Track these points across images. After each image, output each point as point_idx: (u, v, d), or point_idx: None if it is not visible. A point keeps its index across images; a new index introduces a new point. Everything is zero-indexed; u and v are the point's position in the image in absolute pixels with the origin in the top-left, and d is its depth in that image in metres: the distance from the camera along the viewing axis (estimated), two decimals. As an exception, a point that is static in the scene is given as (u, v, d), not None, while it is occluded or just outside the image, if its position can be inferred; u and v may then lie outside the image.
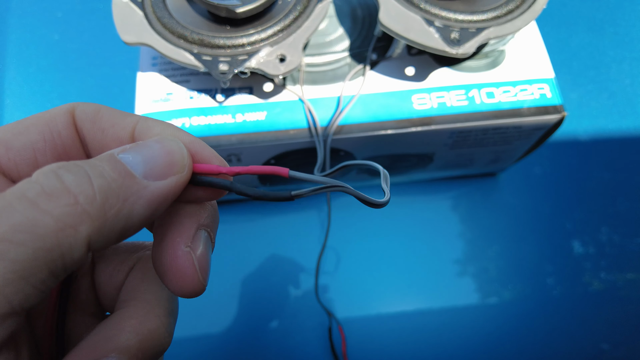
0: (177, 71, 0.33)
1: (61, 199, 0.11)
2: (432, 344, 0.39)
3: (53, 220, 0.11)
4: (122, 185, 0.12)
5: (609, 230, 0.42)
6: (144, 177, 0.13)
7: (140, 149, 0.13)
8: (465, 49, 0.28)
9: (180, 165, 0.14)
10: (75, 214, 0.11)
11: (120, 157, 0.13)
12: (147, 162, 0.13)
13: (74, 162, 0.12)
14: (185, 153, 0.14)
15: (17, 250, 0.10)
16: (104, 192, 0.12)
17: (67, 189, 0.11)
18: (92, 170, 0.12)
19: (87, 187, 0.11)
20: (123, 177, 0.12)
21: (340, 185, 0.14)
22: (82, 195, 0.11)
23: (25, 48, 0.49)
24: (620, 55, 0.49)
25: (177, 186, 0.14)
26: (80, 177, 0.11)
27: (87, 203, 0.11)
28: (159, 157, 0.13)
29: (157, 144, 0.14)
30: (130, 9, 0.30)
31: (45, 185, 0.11)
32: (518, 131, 0.34)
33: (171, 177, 0.13)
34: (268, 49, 0.28)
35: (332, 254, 0.42)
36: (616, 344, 0.39)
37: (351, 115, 0.32)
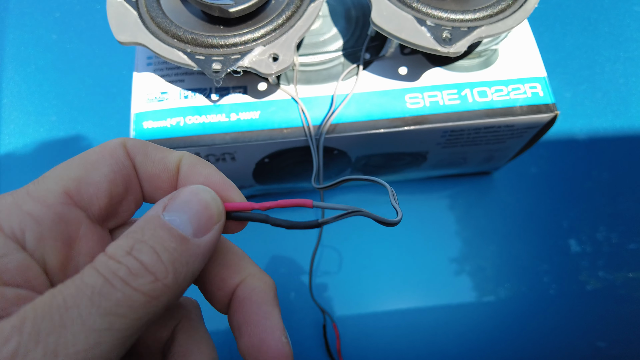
0: (172, 70, 0.33)
1: (145, 278, 0.13)
2: (427, 342, 0.39)
3: (143, 295, 0.13)
4: (183, 252, 0.14)
5: (606, 229, 0.43)
6: (194, 236, 0.15)
7: (181, 206, 0.15)
8: (456, 48, 0.29)
9: (217, 215, 0.16)
10: (158, 289, 0.13)
11: (168, 220, 0.14)
12: (193, 220, 0.15)
13: (137, 240, 0.14)
14: (219, 202, 0.16)
15: (120, 321, 0.12)
16: (172, 264, 0.14)
17: (147, 269, 0.13)
18: (157, 245, 0.14)
19: (160, 265, 0.13)
20: (180, 244, 0.14)
21: (358, 210, 0.16)
22: (158, 272, 0.13)
23: (23, 48, 0.50)
24: (614, 55, 0.49)
25: (219, 233, 0.16)
26: (151, 255, 0.13)
27: (163, 278, 0.13)
28: (200, 213, 0.15)
29: (194, 198, 0.15)
30: (125, 9, 0.30)
31: (130, 266, 0.13)
32: (511, 130, 0.34)
33: (214, 227, 0.15)
34: (261, 48, 0.29)
35: (327, 252, 0.42)
36: (612, 342, 0.39)
37: (344, 114, 0.32)
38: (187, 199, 0.15)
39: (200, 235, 0.15)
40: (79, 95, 0.48)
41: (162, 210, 0.15)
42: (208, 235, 0.15)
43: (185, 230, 0.14)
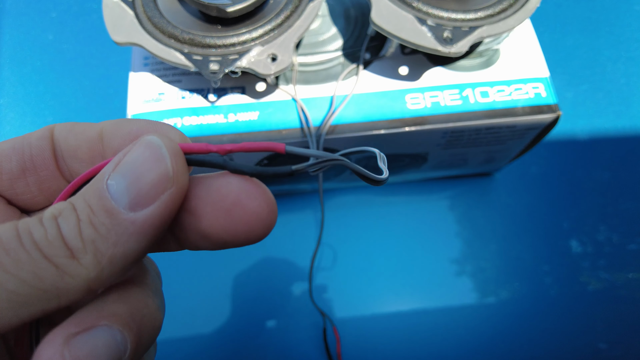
0: (169, 71, 0.33)
1: (60, 249, 0.11)
2: (428, 344, 0.39)
3: (53, 267, 0.11)
4: (110, 228, 0.12)
5: (607, 229, 0.42)
6: (130, 208, 0.12)
7: (126, 167, 0.12)
8: (457, 48, 0.28)
9: (166, 179, 0.12)
10: (72, 265, 0.11)
11: (109, 184, 0.12)
12: (131, 188, 0.12)
13: (70, 205, 0.12)
14: (168, 162, 0.12)
15: (17, 284, 0.11)
16: (92, 243, 0.12)
17: (64, 240, 0.11)
18: (83, 217, 0.12)
19: (78, 241, 0.11)
20: (109, 219, 0.12)
21: (338, 158, 0.13)
22: (76, 249, 0.11)
23: (19, 48, 0.49)
24: (615, 54, 0.49)
25: (170, 204, 0.12)
26: (72, 227, 0.11)
27: (81, 257, 0.11)
28: (141, 178, 0.12)
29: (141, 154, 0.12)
30: (121, 9, 0.29)
31: (49, 232, 0.11)
32: (512, 131, 0.34)
33: (160, 197, 0.12)
34: (259, 49, 0.28)
35: (327, 254, 0.41)
36: (613, 344, 0.38)
37: (344, 115, 0.32)
38: (133, 157, 0.12)
39: (139, 209, 0.12)
40: (76, 96, 0.47)
41: (112, 169, 0.12)
42: (149, 209, 0.12)
43: (119, 202, 0.12)
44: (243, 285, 0.40)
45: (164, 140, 0.13)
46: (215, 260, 0.41)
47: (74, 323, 0.12)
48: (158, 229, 0.12)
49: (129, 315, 0.13)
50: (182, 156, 0.13)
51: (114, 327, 0.13)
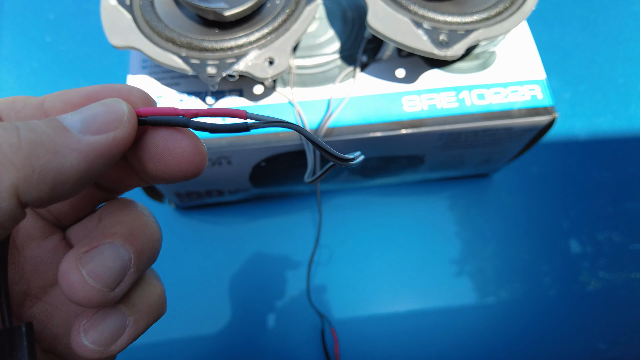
0: (167, 74, 0.33)
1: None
2: (426, 344, 0.39)
3: None
4: (54, 138, 0.12)
5: (607, 229, 0.42)
6: (80, 132, 0.13)
7: (82, 110, 0.14)
8: (453, 51, 0.28)
9: (119, 120, 0.14)
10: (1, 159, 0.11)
11: (60, 117, 0.13)
12: (85, 119, 0.13)
13: (11, 122, 0.12)
14: (124, 108, 0.14)
15: None
16: (31, 142, 0.12)
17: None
18: (23, 126, 0.12)
19: (13, 138, 0.11)
20: (55, 132, 0.12)
21: (292, 123, 0.15)
22: (6, 144, 0.11)
23: (17, 50, 0.49)
24: (613, 54, 0.49)
25: (117, 140, 0.13)
26: (8, 129, 0.12)
27: (11, 152, 0.11)
28: (98, 115, 0.13)
29: (101, 106, 0.14)
30: (119, 13, 0.30)
31: None
32: (509, 133, 0.34)
33: (110, 132, 0.13)
34: (256, 52, 0.28)
35: (325, 255, 0.42)
36: (613, 344, 0.39)
37: (341, 118, 0.32)
38: (92, 105, 0.14)
39: (88, 133, 0.13)
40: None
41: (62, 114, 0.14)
42: (99, 136, 0.13)
43: (72, 126, 0.13)
44: (241, 286, 0.41)
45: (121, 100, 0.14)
46: (214, 263, 0.41)
47: (82, 244, 0.15)
48: (101, 156, 0.13)
49: (128, 232, 0.15)
50: (132, 110, 0.14)
51: (116, 243, 0.15)
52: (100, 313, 0.15)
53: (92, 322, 0.15)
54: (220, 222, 0.43)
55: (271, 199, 0.43)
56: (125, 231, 0.15)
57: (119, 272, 0.15)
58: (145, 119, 0.15)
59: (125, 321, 0.16)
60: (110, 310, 0.15)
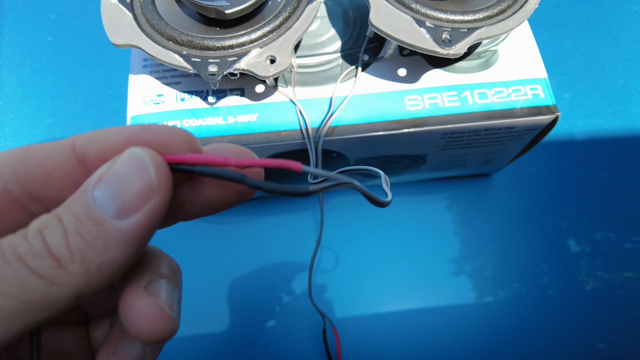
0: (168, 73, 0.33)
1: (46, 261, 0.12)
2: (427, 343, 0.39)
3: (40, 279, 0.11)
4: (97, 237, 0.12)
5: (605, 228, 0.42)
6: (116, 217, 0.12)
7: (111, 177, 0.13)
8: (456, 50, 0.28)
9: (150, 188, 0.13)
10: (60, 275, 0.12)
11: (94, 195, 0.12)
12: (117, 197, 0.12)
13: (56, 217, 0.12)
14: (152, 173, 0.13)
15: (4, 300, 0.11)
16: (80, 251, 0.12)
17: (50, 252, 0.12)
18: (70, 227, 0.12)
19: (65, 251, 0.12)
20: (96, 227, 0.12)
21: (350, 182, 0.14)
22: (63, 258, 0.12)
23: (18, 50, 0.49)
24: (613, 55, 0.49)
25: (153, 213, 0.13)
26: (58, 238, 0.12)
27: (68, 265, 0.12)
28: (124, 187, 0.13)
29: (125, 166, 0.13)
30: (119, 11, 0.29)
31: (33, 245, 0.12)
32: (511, 132, 0.34)
33: (145, 206, 0.13)
34: (257, 50, 0.28)
35: (327, 254, 0.41)
36: (611, 343, 0.39)
37: (343, 117, 0.32)
38: (118, 169, 0.13)
39: (125, 217, 0.12)
40: (75, 98, 0.47)
41: (96, 181, 0.13)
42: (134, 217, 0.12)
43: (105, 211, 0.12)
44: (242, 285, 0.40)
45: (148, 152, 0.13)
46: (215, 262, 0.41)
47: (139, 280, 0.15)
48: (143, 235, 0.13)
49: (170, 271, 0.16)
50: (165, 166, 0.13)
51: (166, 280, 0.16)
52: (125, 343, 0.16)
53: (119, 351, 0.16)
54: (221, 221, 0.42)
55: (273, 198, 0.43)
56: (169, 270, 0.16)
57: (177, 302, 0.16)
58: (192, 168, 0.14)
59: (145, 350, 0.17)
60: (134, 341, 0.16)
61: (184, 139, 0.14)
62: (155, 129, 0.14)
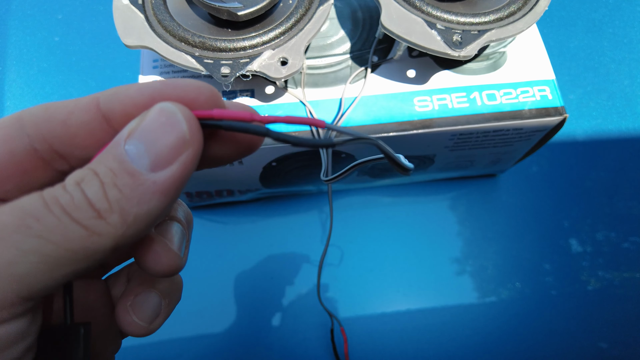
0: (178, 74, 0.33)
1: (87, 212, 0.12)
2: (432, 342, 0.39)
3: (82, 228, 0.12)
4: (133, 189, 0.12)
5: (607, 228, 0.43)
6: (151, 170, 0.13)
7: (142, 132, 0.13)
8: (467, 52, 0.28)
9: (183, 141, 0.13)
10: (100, 225, 0.12)
11: (127, 149, 0.13)
12: (150, 150, 0.13)
13: (91, 171, 0.13)
14: (184, 126, 0.13)
15: (50, 248, 0.11)
16: (118, 202, 0.12)
17: (91, 203, 0.12)
18: (107, 180, 0.12)
19: (104, 203, 0.12)
20: (131, 180, 0.12)
21: (372, 139, 0.15)
22: (102, 210, 0.12)
23: (26, 50, 0.49)
24: (619, 56, 0.49)
25: (188, 164, 0.13)
26: (97, 190, 0.12)
27: (108, 216, 0.12)
28: (158, 141, 0.13)
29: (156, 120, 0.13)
30: (131, 12, 0.30)
31: (74, 197, 0.12)
32: (519, 133, 0.34)
33: (178, 158, 0.13)
34: (270, 52, 0.29)
35: (334, 254, 0.42)
36: (614, 343, 0.39)
37: (352, 118, 0.32)
38: (149, 124, 0.13)
39: (159, 169, 0.13)
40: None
41: (127, 136, 0.13)
42: (169, 170, 0.13)
43: (140, 164, 0.13)
44: (250, 285, 0.41)
45: (178, 106, 0.13)
46: (224, 261, 0.41)
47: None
48: (178, 187, 0.13)
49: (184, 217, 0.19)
50: (195, 120, 0.13)
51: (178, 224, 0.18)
52: (141, 296, 0.18)
53: (136, 303, 0.18)
54: (229, 222, 0.43)
55: (280, 199, 0.43)
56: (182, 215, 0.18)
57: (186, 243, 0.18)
58: (219, 123, 0.14)
59: (161, 303, 0.18)
60: (150, 293, 0.18)
61: (207, 94, 0.14)
62: (178, 84, 0.14)
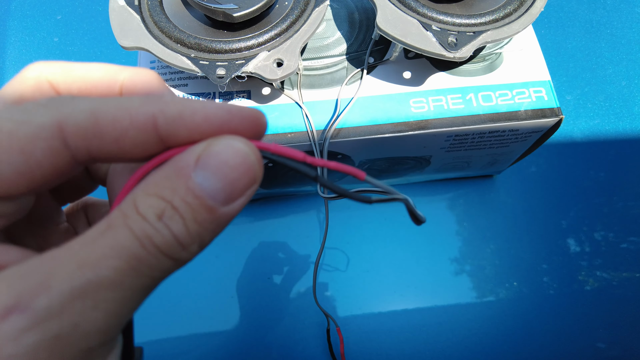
0: (175, 75, 0.33)
1: (177, 248, 0.13)
2: (429, 342, 0.39)
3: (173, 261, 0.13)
4: (211, 222, 0.14)
5: (604, 228, 0.43)
6: (224, 204, 0.14)
7: (216, 167, 0.13)
8: (462, 53, 0.28)
9: (254, 179, 0.14)
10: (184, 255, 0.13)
11: (199, 183, 0.13)
12: (227, 189, 0.13)
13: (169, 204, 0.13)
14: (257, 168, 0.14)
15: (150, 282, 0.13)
16: (199, 236, 0.13)
17: (178, 240, 0.13)
18: (187, 215, 0.13)
19: (188, 238, 0.13)
20: (209, 215, 0.13)
21: (405, 198, 0.16)
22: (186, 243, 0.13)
23: (25, 50, 0.49)
24: (616, 57, 0.49)
25: (251, 196, 0.14)
26: (181, 226, 0.13)
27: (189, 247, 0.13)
28: (236, 181, 0.14)
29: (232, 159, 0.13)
30: (128, 14, 0.30)
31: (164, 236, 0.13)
32: (515, 134, 0.34)
33: (247, 192, 0.14)
34: (265, 54, 0.29)
35: (330, 254, 0.42)
36: (612, 343, 0.39)
37: (349, 119, 0.32)
38: (221, 159, 0.13)
39: (231, 203, 0.14)
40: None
41: (195, 165, 0.13)
42: (239, 202, 0.14)
43: (216, 200, 0.13)
44: (247, 285, 0.41)
45: (250, 146, 0.14)
46: (220, 262, 0.41)
47: None
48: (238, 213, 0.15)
49: None
50: (260, 156, 0.14)
51: None
52: None
53: None
54: (226, 223, 0.43)
55: (278, 199, 0.44)
56: None
57: None
58: (274, 157, 0.15)
59: None
60: None
61: (263, 124, 0.15)
62: (242, 116, 0.15)
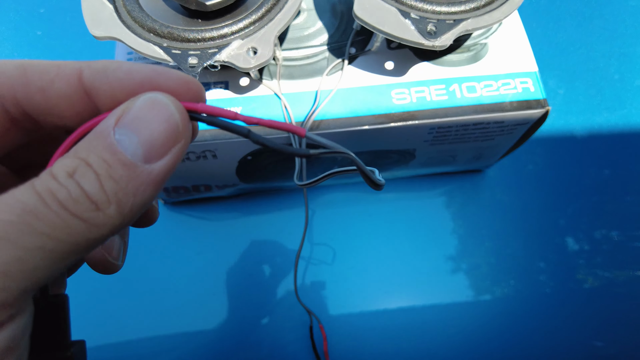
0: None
1: (86, 205, 0.12)
2: (417, 341, 0.38)
3: (82, 222, 0.12)
4: (130, 181, 0.13)
5: (604, 226, 0.42)
6: (145, 161, 0.13)
7: (134, 123, 0.13)
8: (442, 41, 0.28)
9: (176, 135, 0.13)
10: (99, 217, 0.12)
11: (117, 139, 0.13)
12: (144, 143, 0.13)
13: (82, 161, 0.12)
14: (178, 118, 0.13)
15: (54, 244, 0.12)
16: (115, 195, 0.12)
17: (88, 196, 0.12)
18: (101, 172, 0.12)
19: (102, 195, 0.12)
20: (127, 172, 0.13)
21: (347, 152, 0.15)
22: (100, 202, 0.12)
23: (7, 44, 0.49)
24: (609, 50, 0.48)
25: (179, 155, 0.14)
26: (94, 183, 0.12)
27: (106, 208, 0.12)
28: (154, 135, 0.13)
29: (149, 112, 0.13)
30: (100, 3, 0.29)
31: (72, 191, 0.12)
32: (500, 127, 0.33)
33: (172, 150, 0.13)
34: (239, 42, 0.28)
35: (316, 251, 0.41)
36: (609, 342, 0.38)
37: (329, 111, 0.31)
38: (141, 114, 0.13)
39: (153, 161, 0.13)
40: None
41: (114, 124, 0.13)
42: (163, 161, 0.13)
43: (134, 155, 0.13)
44: (230, 283, 0.40)
45: (170, 98, 0.14)
46: (202, 259, 0.41)
47: None
48: (168, 177, 0.14)
49: None
50: (185, 112, 0.14)
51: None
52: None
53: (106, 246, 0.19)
54: (209, 218, 0.42)
55: (261, 195, 0.43)
56: None
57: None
58: (203, 117, 0.14)
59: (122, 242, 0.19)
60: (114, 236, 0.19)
61: (195, 88, 0.15)
62: (168, 75, 0.14)
